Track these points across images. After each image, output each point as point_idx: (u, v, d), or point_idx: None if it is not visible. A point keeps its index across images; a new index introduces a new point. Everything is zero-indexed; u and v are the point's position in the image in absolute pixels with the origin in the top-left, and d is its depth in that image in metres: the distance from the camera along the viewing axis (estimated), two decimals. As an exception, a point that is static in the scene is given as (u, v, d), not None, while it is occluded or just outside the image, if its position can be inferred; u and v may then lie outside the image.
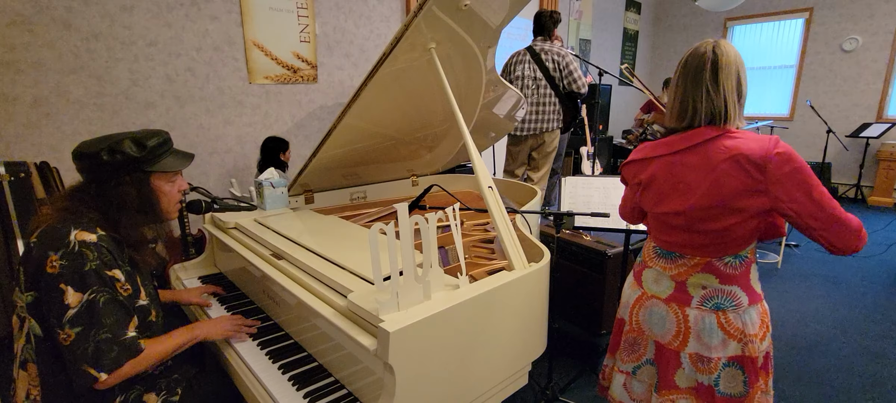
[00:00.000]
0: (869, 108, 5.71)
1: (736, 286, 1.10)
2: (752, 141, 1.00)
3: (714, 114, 1.04)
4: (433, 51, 1.45)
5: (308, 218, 1.74)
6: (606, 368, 1.37)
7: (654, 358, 1.21)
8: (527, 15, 4.83)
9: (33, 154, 2.36)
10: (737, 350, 1.09)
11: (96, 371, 1.00)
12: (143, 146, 1.13)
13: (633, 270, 1.30)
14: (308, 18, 3.26)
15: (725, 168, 1.00)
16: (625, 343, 1.27)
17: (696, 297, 1.12)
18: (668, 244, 1.16)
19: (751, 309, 1.10)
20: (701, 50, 1.05)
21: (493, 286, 1.11)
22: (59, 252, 1.01)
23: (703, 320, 1.10)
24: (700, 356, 1.11)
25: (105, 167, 1.09)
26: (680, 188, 1.08)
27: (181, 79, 2.79)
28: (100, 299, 1.02)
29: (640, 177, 1.17)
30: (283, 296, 1.33)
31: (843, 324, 2.67)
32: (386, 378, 0.94)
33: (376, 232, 0.93)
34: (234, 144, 3.10)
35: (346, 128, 1.63)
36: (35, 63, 2.30)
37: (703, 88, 1.03)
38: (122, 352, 1.04)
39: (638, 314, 1.22)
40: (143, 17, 2.59)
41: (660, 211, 1.14)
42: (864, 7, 5.58)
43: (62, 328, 0.99)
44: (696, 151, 1.06)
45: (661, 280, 1.18)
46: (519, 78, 3.29)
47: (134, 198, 1.13)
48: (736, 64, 1.03)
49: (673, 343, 1.15)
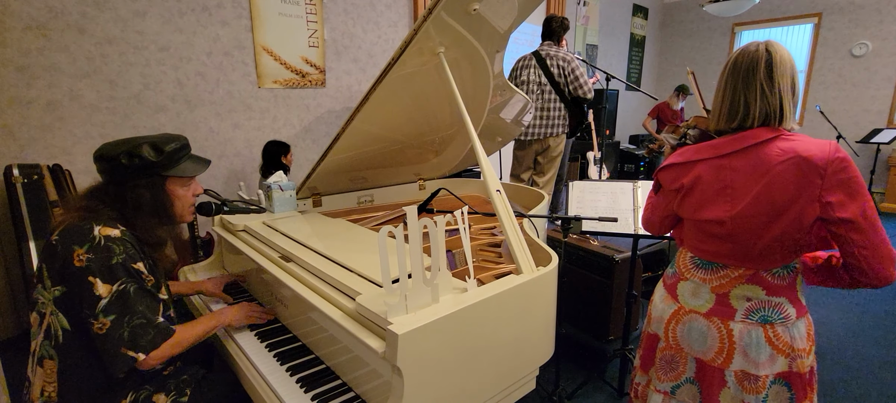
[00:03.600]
0: (880, 114, 5.66)
1: (783, 297, 1.03)
2: (811, 143, 0.94)
3: (769, 114, 0.98)
4: (442, 55, 1.45)
5: (316, 221, 1.75)
6: (639, 386, 1.30)
7: (696, 377, 1.14)
8: (535, 20, 4.85)
9: (46, 157, 2.40)
10: (784, 365, 1.04)
11: (134, 353, 1.05)
12: (161, 151, 1.17)
13: (663, 282, 1.23)
14: (317, 23, 3.29)
15: (781, 171, 0.94)
16: (661, 361, 1.20)
17: (740, 310, 1.06)
18: (708, 254, 1.09)
19: (798, 322, 1.04)
20: (752, 48, 1.00)
21: (501, 289, 1.11)
22: (85, 246, 1.04)
23: (749, 334, 1.04)
24: (746, 373, 1.05)
25: (123, 170, 1.13)
26: (727, 193, 1.02)
27: (191, 84, 2.82)
28: (130, 288, 1.07)
29: (682, 181, 1.10)
30: (291, 298, 1.34)
31: (855, 332, 2.63)
32: (394, 381, 0.94)
33: (385, 235, 0.93)
34: (243, 148, 3.13)
35: (355, 132, 1.64)
36: (49, 67, 2.34)
37: (756, 86, 0.98)
38: (158, 335, 1.09)
39: (675, 329, 1.15)
40: (156, 23, 2.63)
41: (702, 218, 1.07)
42: (874, 12, 5.54)
43: (96, 317, 1.03)
44: (747, 154, 1.00)
45: (701, 292, 1.11)
46: (524, 83, 3.29)
47: (149, 200, 1.17)
48: (790, 63, 0.99)
49: (716, 360, 1.08)
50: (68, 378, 1.08)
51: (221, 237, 1.80)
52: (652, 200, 1.26)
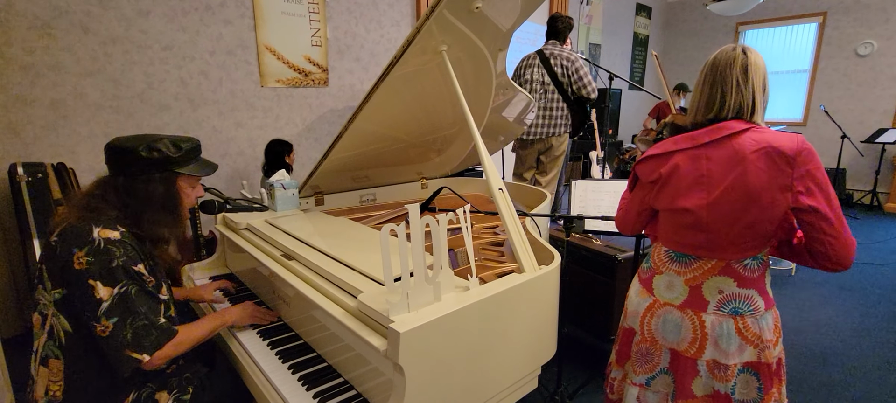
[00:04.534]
0: (885, 114, 5.62)
1: (753, 290, 1.09)
2: (781, 135, 1.01)
3: (742, 106, 1.05)
4: (444, 54, 1.45)
5: (318, 219, 1.76)
6: (614, 381, 1.33)
7: (670, 367, 1.19)
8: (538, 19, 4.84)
9: (51, 155, 2.41)
10: (752, 355, 1.08)
11: (139, 354, 1.05)
12: (179, 147, 1.21)
13: (638, 277, 1.28)
14: (320, 23, 3.30)
15: (754, 160, 1.00)
16: (637, 354, 1.24)
17: (712, 302, 1.10)
18: (683, 246, 1.14)
19: (767, 314, 1.09)
20: (730, 49, 1.08)
21: (503, 288, 1.10)
22: (85, 249, 1.04)
23: (721, 325, 1.09)
24: (717, 363, 1.10)
25: (140, 162, 1.15)
26: (703, 182, 1.07)
27: (195, 83, 2.83)
28: (131, 291, 1.07)
29: (659, 172, 1.14)
30: (293, 296, 1.34)
31: (859, 332, 2.62)
32: (396, 379, 0.94)
33: (387, 233, 0.93)
34: (246, 147, 3.14)
35: (357, 131, 1.64)
36: (53, 66, 2.35)
37: (732, 81, 1.05)
38: (161, 335, 1.09)
39: (650, 322, 1.19)
40: (159, 22, 2.63)
41: (679, 207, 1.11)
42: (880, 11, 5.50)
43: (98, 321, 1.03)
44: (722, 144, 1.05)
45: (675, 285, 1.16)
46: (527, 82, 3.29)
47: (160, 194, 1.19)
48: (763, 66, 1.08)
49: (689, 350, 1.13)
50: (74, 378, 1.08)
51: (224, 235, 1.81)
52: (626, 198, 1.30)
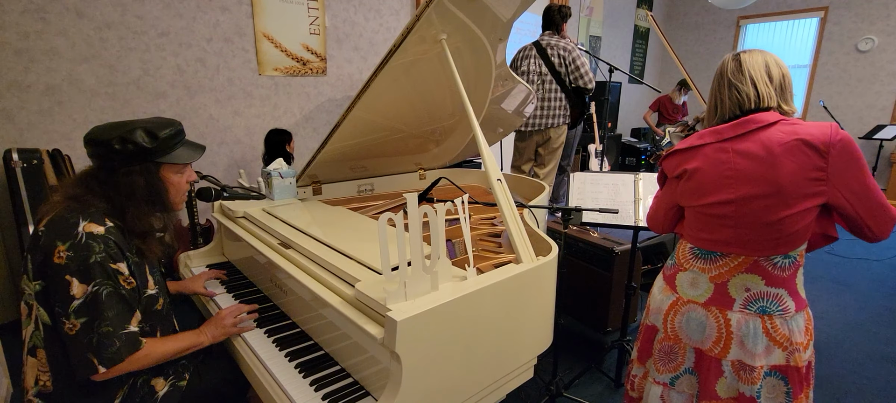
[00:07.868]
0: (883, 110, 5.63)
1: (783, 289, 1.04)
2: (812, 126, 0.97)
3: (750, 98, 1.04)
4: (444, 43, 1.44)
5: (316, 208, 1.75)
6: (635, 378, 1.30)
7: (695, 367, 1.15)
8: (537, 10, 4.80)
9: (46, 141, 2.39)
10: (781, 358, 1.04)
11: (97, 363, 1.01)
12: (155, 137, 1.12)
13: (663, 274, 1.24)
14: (318, 11, 3.26)
15: (784, 153, 0.97)
16: (660, 352, 1.20)
17: (738, 300, 1.06)
18: (709, 243, 1.10)
19: (798, 316, 1.04)
20: (724, 57, 1.11)
21: (500, 278, 1.10)
22: (67, 243, 1.00)
23: (747, 324, 1.05)
24: (742, 364, 1.06)
25: (116, 155, 1.09)
26: (730, 176, 1.03)
27: (191, 70, 2.81)
28: (102, 292, 1.02)
29: (685, 166, 1.11)
30: (290, 285, 1.34)
31: (853, 327, 2.64)
32: (392, 367, 0.94)
33: (385, 223, 0.93)
34: (243, 135, 3.12)
35: (355, 121, 1.63)
36: (48, 51, 2.33)
37: (725, 82, 1.07)
38: (123, 346, 1.04)
39: (673, 320, 1.16)
40: (155, 7, 2.60)
41: (705, 202, 1.07)
42: (881, 7, 5.48)
43: (68, 317, 1.00)
44: (750, 138, 1.01)
45: (699, 282, 1.12)
46: (524, 73, 3.27)
47: (142, 187, 1.12)
48: (761, 60, 1.05)
49: (714, 349, 1.09)
50: (59, 368, 1.06)
51: (221, 223, 1.80)
52: (657, 197, 1.27)
